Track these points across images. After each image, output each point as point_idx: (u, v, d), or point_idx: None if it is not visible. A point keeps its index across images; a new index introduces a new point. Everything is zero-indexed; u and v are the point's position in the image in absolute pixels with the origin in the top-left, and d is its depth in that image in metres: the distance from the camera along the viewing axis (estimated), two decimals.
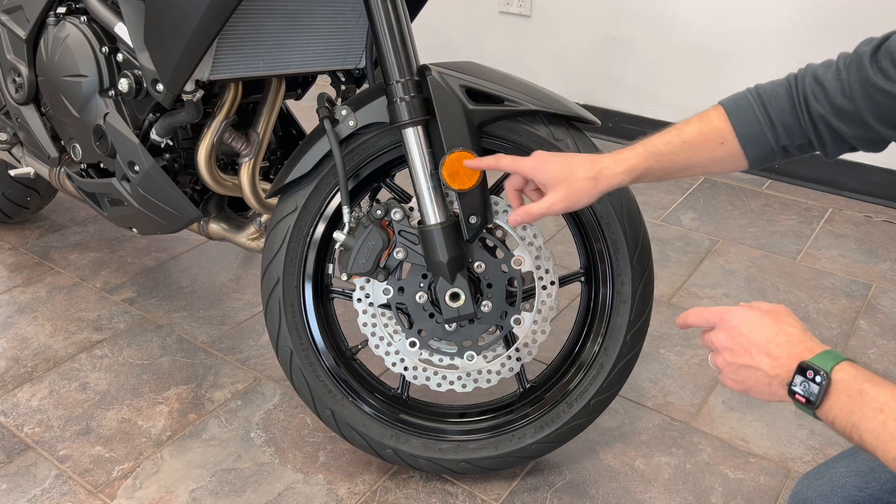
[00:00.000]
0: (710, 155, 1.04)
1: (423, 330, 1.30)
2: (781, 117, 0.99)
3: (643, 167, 1.05)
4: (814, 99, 0.96)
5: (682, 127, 1.06)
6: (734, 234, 2.28)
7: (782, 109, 0.99)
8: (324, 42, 1.39)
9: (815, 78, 0.97)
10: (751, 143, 1.02)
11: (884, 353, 1.77)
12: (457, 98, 1.19)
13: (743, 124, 1.01)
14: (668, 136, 1.05)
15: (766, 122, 1.00)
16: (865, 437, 0.68)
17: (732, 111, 1.02)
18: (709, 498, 1.39)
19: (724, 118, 1.03)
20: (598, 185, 1.06)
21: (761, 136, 1.01)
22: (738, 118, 1.02)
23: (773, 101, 1.00)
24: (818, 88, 0.96)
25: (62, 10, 1.53)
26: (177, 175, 1.47)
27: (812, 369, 0.72)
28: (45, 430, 1.53)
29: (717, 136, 1.03)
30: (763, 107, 1.00)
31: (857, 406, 0.69)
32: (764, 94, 1.01)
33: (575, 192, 1.06)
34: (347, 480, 1.42)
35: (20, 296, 1.95)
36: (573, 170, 1.06)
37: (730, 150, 1.03)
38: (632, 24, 2.75)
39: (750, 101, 1.02)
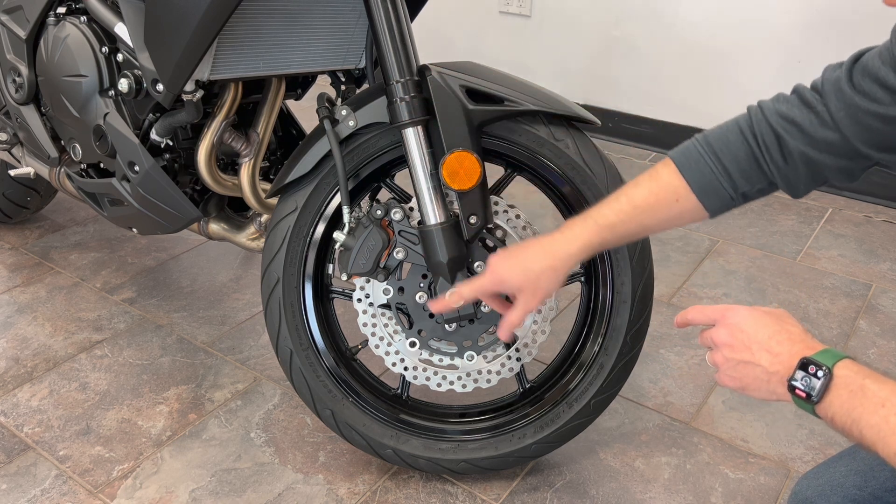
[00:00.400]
0: (665, 214, 1.00)
1: (423, 330, 1.30)
2: (736, 165, 0.96)
3: (597, 242, 1.03)
4: (789, 137, 0.92)
5: (631, 192, 1.01)
6: (734, 234, 2.28)
7: (736, 157, 0.96)
8: (324, 42, 1.39)
9: (781, 116, 0.93)
10: (707, 195, 0.98)
11: (884, 353, 1.77)
12: (457, 98, 1.19)
13: (697, 177, 0.98)
14: (619, 205, 1.02)
15: (720, 172, 0.97)
16: (866, 433, 0.68)
17: (683, 165, 0.98)
18: (709, 498, 1.39)
19: (675, 174, 0.99)
20: (559, 272, 1.05)
21: (717, 186, 0.97)
22: (690, 172, 0.98)
23: (724, 148, 0.96)
24: (790, 126, 0.92)
25: (62, 10, 1.53)
26: (177, 175, 1.47)
27: (814, 364, 0.73)
28: (45, 430, 1.53)
29: (670, 195, 0.99)
30: (715, 156, 0.97)
31: (858, 401, 0.69)
32: (714, 142, 0.97)
33: (542, 290, 1.07)
34: (347, 480, 1.42)
35: (20, 296, 1.95)
36: (530, 268, 1.05)
37: (686, 205, 0.99)
38: (632, 24, 2.75)
39: (700, 153, 0.98)
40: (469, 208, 1.22)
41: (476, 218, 1.22)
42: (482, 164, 1.19)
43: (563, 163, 1.26)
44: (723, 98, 2.64)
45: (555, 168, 1.27)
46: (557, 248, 1.04)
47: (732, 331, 0.80)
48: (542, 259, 1.05)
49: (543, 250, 1.05)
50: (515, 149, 1.27)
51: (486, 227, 1.24)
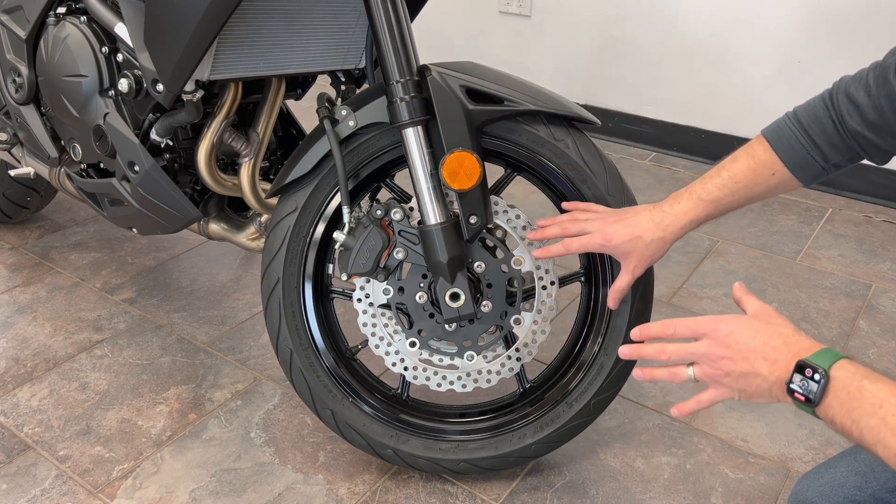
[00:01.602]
0: (763, 187, 1.06)
1: (423, 330, 1.30)
2: (825, 138, 1.00)
3: (703, 216, 1.09)
4: (849, 117, 0.97)
5: (730, 166, 1.07)
6: (734, 234, 2.28)
7: (824, 131, 1.00)
8: (324, 42, 1.39)
9: (847, 95, 0.97)
10: (801, 169, 1.03)
11: (884, 354, 1.77)
12: (457, 98, 1.19)
13: (789, 153, 1.03)
14: (721, 180, 1.07)
15: (811, 147, 1.01)
16: (866, 434, 0.68)
17: (775, 142, 1.03)
18: (709, 498, 1.39)
19: (769, 150, 1.04)
20: (667, 243, 1.12)
21: (809, 160, 1.02)
22: (782, 148, 1.03)
23: (812, 124, 1.01)
24: (851, 106, 0.97)
25: (62, 10, 1.53)
26: (177, 175, 1.47)
27: (810, 367, 0.73)
28: (45, 430, 1.53)
29: (767, 170, 1.04)
30: (805, 132, 1.01)
31: (856, 402, 0.69)
32: (803, 118, 1.02)
33: (648, 258, 1.13)
34: (347, 480, 1.42)
35: (20, 296, 1.95)
36: (641, 237, 1.11)
37: (781, 178, 1.04)
38: (631, 24, 2.75)
39: (791, 129, 1.02)
40: (469, 208, 1.22)
41: (476, 218, 1.22)
42: (482, 164, 1.19)
43: (563, 163, 1.26)
44: (723, 98, 2.64)
45: (555, 168, 1.27)
46: (668, 223, 1.10)
47: (727, 342, 0.80)
48: (654, 231, 1.10)
49: (654, 222, 1.10)
50: (515, 149, 1.27)
51: (486, 227, 1.24)
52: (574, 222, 1.18)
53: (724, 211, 1.10)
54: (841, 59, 2.38)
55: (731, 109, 2.63)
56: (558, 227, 1.19)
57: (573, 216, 1.20)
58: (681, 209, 1.09)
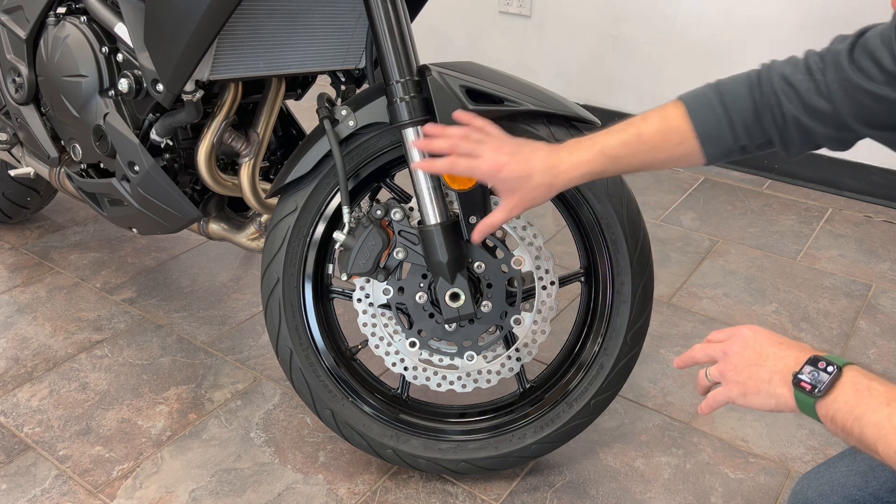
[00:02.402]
0: (667, 154, 1.02)
1: (423, 330, 1.30)
2: (742, 117, 0.98)
3: (599, 170, 1.05)
4: (786, 99, 0.94)
5: (640, 125, 1.03)
6: (734, 234, 2.28)
7: (743, 110, 0.98)
8: (324, 42, 1.39)
9: (783, 78, 0.95)
10: (710, 143, 1.00)
11: (884, 354, 1.77)
12: (457, 98, 1.19)
13: (704, 124, 1.00)
14: (627, 136, 1.03)
15: (726, 123, 0.99)
16: (867, 431, 0.69)
17: (693, 110, 1.00)
18: (709, 498, 1.39)
19: (684, 117, 1.01)
20: (553, 189, 1.06)
21: (721, 135, 1.00)
22: (698, 118, 1.00)
23: (734, 100, 0.98)
24: (789, 89, 0.94)
25: (62, 10, 1.53)
26: (177, 175, 1.47)
27: (825, 360, 0.74)
28: (45, 430, 1.53)
29: (676, 136, 1.01)
30: (724, 106, 0.99)
31: (863, 400, 0.70)
32: (725, 92, 1.00)
33: (530, 200, 1.07)
34: (347, 480, 1.42)
35: (20, 296, 1.95)
36: (531, 176, 1.05)
37: (688, 148, 1.01)
38: (632, 24, 2.75)
39: (711, 100, 1.00)
40: (469, 208, 1.22)
41: (476, 218, 1.22)
42: None
43: None
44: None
45: None
46: (562, 170, 1.04)
47: (747, 340, 0.82)
48: (545, 174, 1.05)
49: (548, 165, 1.05)
50: None
51: None
52: (465, 140, 1.09)
53: (622, 170, 1.05)
54: None
55: None
56: (447, 141, 1.10)
57: (466, 133, 1.10)
58: (579, 158, 1.04)
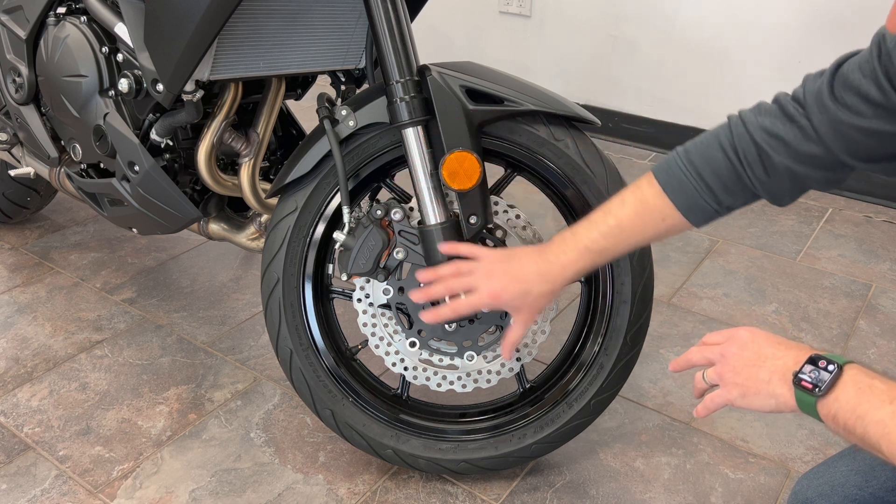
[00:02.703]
0: (653, 231, 1.03)
1: (423, 330, 1.30)
2: (718, 181, 0.96)
3: (589, 266, 1.08)
4: (773, 152, 0.92)
5: (618, 212, 1.03)
6: (734, 234, 2.28)
7: (717, 173, 0.96)
8: (324, 42, 1.39)
9: (764, 130, 0.93)
10: (693, 212, 1.00)
11: (884, 354, 1.77)
12: (457, 98, 1.19)
13: (681, 197, 0.99)
14: (607, 227, 1.04)
15: (703, 189, 0.97)
16: (870, 429, 0.68)
17: (667, 184, 1.00)
18: (709, 498, 1.39)
19: (660, 194, 1.00)
20: (556, 293, 1.12)
21: (701, 203, 0.99)
22: (674, 192, 0.99)
23: (705, 165, 0.97)
24: (774, 141, 0.92)
25: (62, 10, 1.53)
26: (177, 175, 1.47)
27: (825, 359, 0.74)
28: (45, 430, 1.53)
29: (657, 215, 1.01)
30: (697, 174, 0.97)
31: (865, 398, 0.70)
32: (696, 159, 0.98)
33: (539, 309, 1.14)
34: (347, 480, 1.42)
35: (20, 296, 1.95)
36: (529, 291, 1.10)
37: (673, 222, 1.01)
38: (632, 24, 2.75)
39: (682, 171, 0.98)
40: (469, 208, 1.22)
41: (476, 218, 1.22)
42: (482, 164, 1.19)
43: (563, 163, 1.26)
44: (723, 98, 2.64)
45: (555, 168, 1.27)
46: (555, 274, 1.08)
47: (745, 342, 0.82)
48: (541, 284, 1.09)
49: (540, 275, 1.09)
50: (515, 149, 1.27)
51: (486, 227, 1.24)
52: (457, 278, 1.14)
53: (613, 257, 1.07)
54: None
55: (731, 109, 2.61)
56: (443, 286, 1.15)
57: (456, 268, 1.15)
58: (567, 259, 1.07)
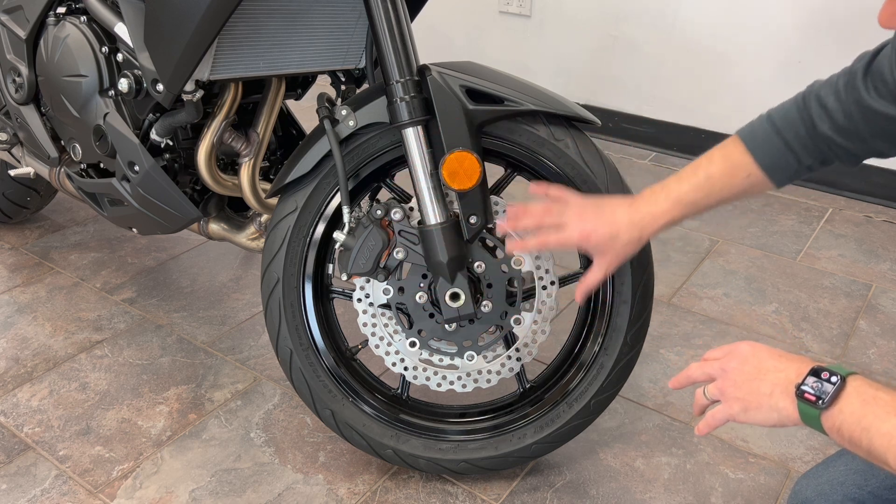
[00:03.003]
0: (738, 189, 1.07)
1: (424, 330, 1.30)
2: (798, 140, 1.01)
3: (679, 218, 1.10)
4: (819, 121, 0.98)
5: (707, 167, 1.08)
6: (734, 234, 2.28)
7: (797, 133, 1.01)
8: (324, 42, 1.39)
9: (818, 100, 0.98)
10: (775, 171, 1.04)
11: (884, 354, 1.77)
12: (457, 98, 1.19)
13: (764, 155, 1.03)
14: (698, 181, 1.08)
15: (784, 149, 1.02)
16: (876, 441, 0.68)
17: (751, 144, 1.04)
18: (709, 498, 1.39)
19: (744, 152, 1.05)
20: (641, 242, 1.12)
21: (784, 162, 1.03)
22: (758, 150, 1.04)
23: (787, 126, 1.02)
24: (821, 111, 0.98)
25: (62, 10, 1.53)
26: (177, 175, 1.47)
27: (828, 371, 0.74)
28: (45, 430, 1.53)
29: (742, 171, 1.05)
30: (779, 134, 1.02)
31: (870, 409, 0.69)
32: (777, 120, 1.03)
33: (623, 255, 1.13)
34: (347, 480, 1.42)
35: (20, 296, 1.95)
36: (618, 236, 1.10)
37: (756, 179, 1.05)
38: (632, 24, 2.75)
39: (766, 131, 1.03)
40: (469, 208, 1.22)
41: (476, 218, 1.22)
42: (482, 164, 1.19)
43: (563, 163, 1.26)
44: (722, 98, 2.64)
45: (555, 168, 1.27)
46: (646, 223, 1.10)
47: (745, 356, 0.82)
48: (631, 231, 1.10)
49: (632, 222, 1.10)
50: (515, 149, 1.27)
51: (486, 227, 1.24)
52: (549, 214, 1.15)
53: (700, 211, 1.10)
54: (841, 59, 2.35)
55: (731, 109, 2.63)
56: (532, 219, 1.16)
57: (547, 207, 1.16)
58: (658, 210, 1.09)
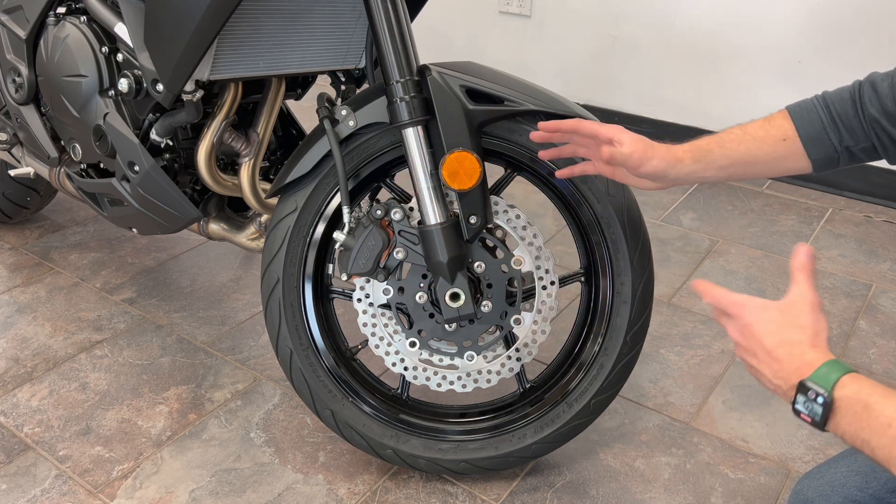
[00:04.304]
0: (771, 149, 1.05)
1: (423, 330, 1.30)
2: (845, 119, 1.01)
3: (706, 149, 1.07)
4: (869, 103, 0.98)
5: (746, 124, 1.08)
6: (734, 234, 2.28)
7: (846, 112, 1.01)
8: (324, 42, 1.39)
9: (871, 83, 0.99)
10: (813, 143, 1.03)
11: (884, 354, 1.77)
12: (457, 98, 1.19)
13: (805, 124, 1.03)
14: (732, 130, 1.08)
15: (828, 123, 1.02)
16: (877, 454, 0.68)
17: (796, 112, 1.05)
18: (709, 498, 1.39)
19: (787, 118, 1.05)
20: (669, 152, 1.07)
21: (823, 136, 1.02)
22: (800, 118, 1.04)
23: (836, 103, 1.02)
24: (873, 94, 0.98)
25: (62, 10, 1.53)
26: (177, 175, 1.47)
27: (814, 389, 0.71)
28: (45, 430, 1.53)
29: (779, 133, 1.04)
30: (826, 108, 1.02)
31: (864, 423, 0.69)
32: (829, 97, 1.03)
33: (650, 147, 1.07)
34: (347, 480, 1.42)
35: (20, 296, 1.95)
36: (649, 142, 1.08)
37: (791, 147, 1.04)
38: (632, 24, 2.75)
39: (814, 104, 1.04)
40: (469, 208, 1.22)
41: (476, 218, 1.22)
42: (482, 164, 1.19)
43: (562, 163, 1.26)
44: (723, 98, 2.64)
45: (555, 168, 1.27)
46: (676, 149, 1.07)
47: (743, 332, 0.80)
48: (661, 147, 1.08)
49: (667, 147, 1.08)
50: (515, 149, 1.27)
51: (486, 227, 1.24)
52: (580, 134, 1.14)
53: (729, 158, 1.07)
54: (841, 59, 2.38)
55: (731, 109, 2.63)
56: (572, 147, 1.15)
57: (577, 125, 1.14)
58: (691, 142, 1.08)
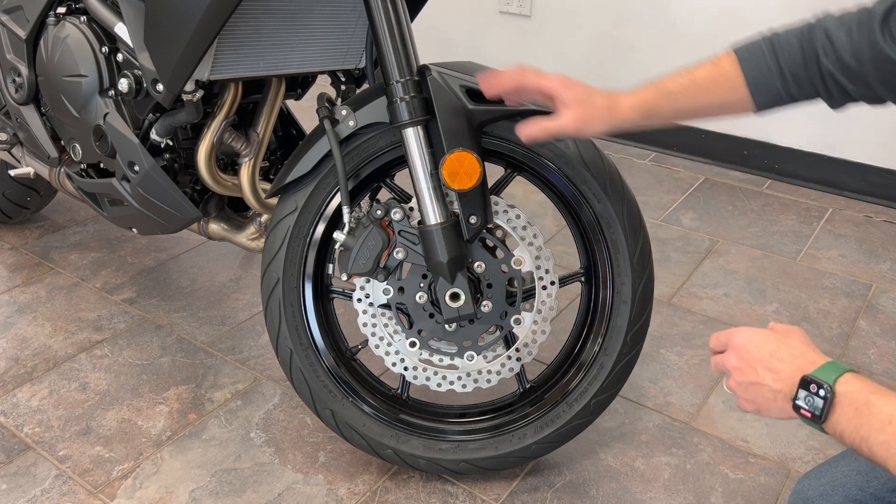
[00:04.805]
0: (718, 98, 1.05)
1: (423, 330, 1.30)
2: (792, 67, 1.00)
3: (653, 102, 1.07)
4: (823, 55, 0.97)
5: (693, 70, 1.07)
6: (734, 234, 2.28)
7: (793, 60, 1.00)
8: (324, 42, 1.39)
9: (826, 33, 0.97)
10: (760, 91, 1.03)
11: (884, 353, 1.77)
12: (457, 98, 1.19)
13: (754, 72, 1.02)
14: (679, 78, 1.07)
15: (776, 71, 1.01)
16: (876, 451, 0.68)
17: (744, 58, 1.03)
18: (709, 498, 1.39)
19: (735, 65, 1.04)
20: (612, 115, 1.07)
21: (771, 84, 1.02)
22: (749, 66, 1.03)
23: (784, 50, 1.01)
24: (828, 45, 0.96)
25: (62, 10, 1.53)
26: (177, 175, 1.47)
27: (815, 383, 0.72)
28: (45, 430, 1.53)
29: (726, 81, 1.04)
30: (775, 55, 1.01)
31: (864, 419, 0.69)
32: (777, 43, 1.02)
33: (589, 116, 1.07)
34: (347, 480, 1.42)
35: (20, 296, 1.95)
36: (592, 96, 1.07)
37: (739, 95, 1.04)
38: (632, 24, 2.75)
39: (762, 50, 1.03)
40: (469, 208, 1.22)
41: (476, 218, 1.22)
42: (482, 164, 1.19)
43: (562, 163, 1.26)
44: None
45: (555, 168, 1.27)
46: (619, 98, 1.07)
47: (739, 352, 0.80)
48: (605, 98, 1.07)
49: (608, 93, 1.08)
50: (515, 149, 1.27)
51: (486, 227, 1.24)
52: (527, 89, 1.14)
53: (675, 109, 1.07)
54: None
55: None
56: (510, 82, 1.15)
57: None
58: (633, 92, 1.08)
